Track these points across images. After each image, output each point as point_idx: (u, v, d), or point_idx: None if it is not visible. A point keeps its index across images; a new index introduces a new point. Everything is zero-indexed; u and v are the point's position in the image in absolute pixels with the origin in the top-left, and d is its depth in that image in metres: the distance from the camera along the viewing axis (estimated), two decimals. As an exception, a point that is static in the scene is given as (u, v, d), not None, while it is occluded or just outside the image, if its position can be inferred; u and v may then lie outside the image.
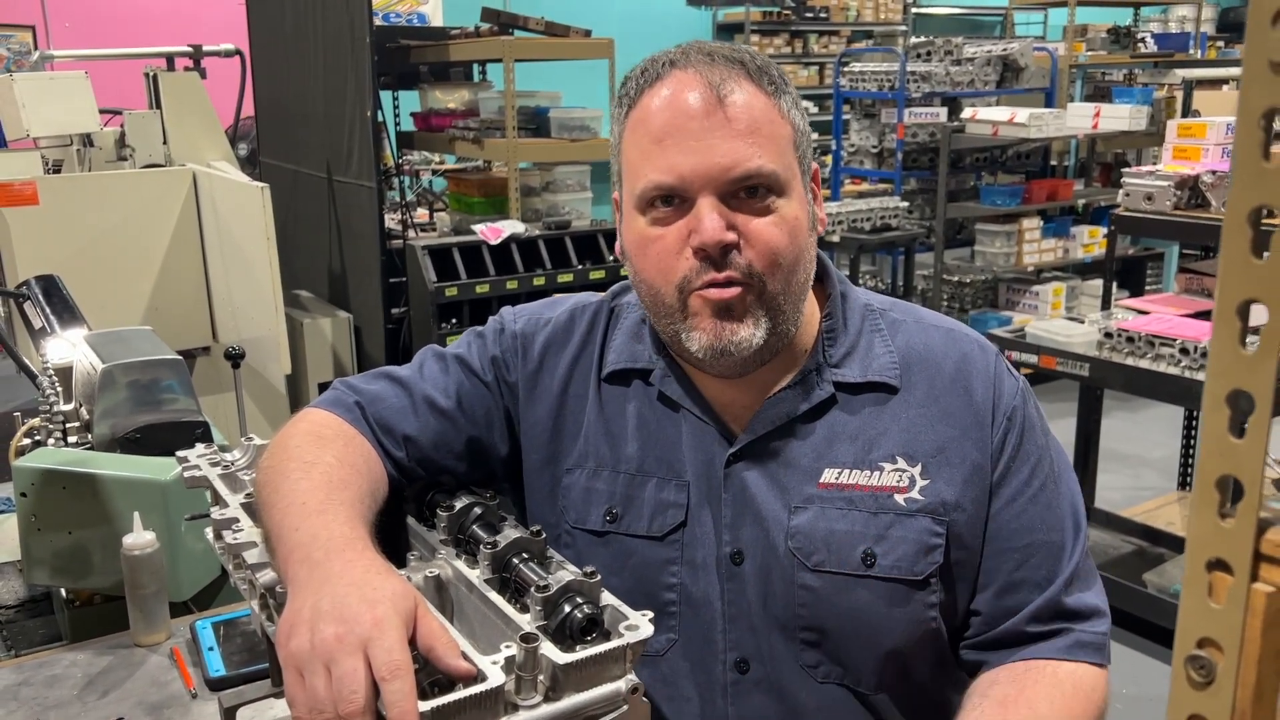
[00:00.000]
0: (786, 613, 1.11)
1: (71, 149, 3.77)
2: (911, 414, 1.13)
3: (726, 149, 1.03)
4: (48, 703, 1.40)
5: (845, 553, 1.09)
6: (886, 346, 1.16)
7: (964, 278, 6.15)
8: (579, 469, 1.19)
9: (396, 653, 0.79)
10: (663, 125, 1.05)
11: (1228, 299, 0.48)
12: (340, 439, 1.12)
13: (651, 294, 1.10)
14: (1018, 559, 1.12)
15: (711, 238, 1.02)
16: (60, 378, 1.91)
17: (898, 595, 1.09)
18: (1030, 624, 1.12)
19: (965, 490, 1.11)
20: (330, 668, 0.79)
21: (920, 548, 1.09)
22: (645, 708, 0.87)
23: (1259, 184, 0.46)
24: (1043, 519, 1.13)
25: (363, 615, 0.81)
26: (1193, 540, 0.51)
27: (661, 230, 1.07)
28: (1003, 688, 1.08)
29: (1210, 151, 3.57)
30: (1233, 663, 0.50)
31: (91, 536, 1.60)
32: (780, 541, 1.11)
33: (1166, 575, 3.48)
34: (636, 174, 1.08)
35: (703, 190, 1.04)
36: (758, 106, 1.06)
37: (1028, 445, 1.14)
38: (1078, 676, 1.10)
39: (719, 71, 1.06)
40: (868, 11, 9.58)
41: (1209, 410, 0.49)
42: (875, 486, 1.11)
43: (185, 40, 4.06)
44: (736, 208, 1.05)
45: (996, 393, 1.14)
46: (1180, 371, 3.11)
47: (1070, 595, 1.12)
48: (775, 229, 1.05)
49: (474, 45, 4.53)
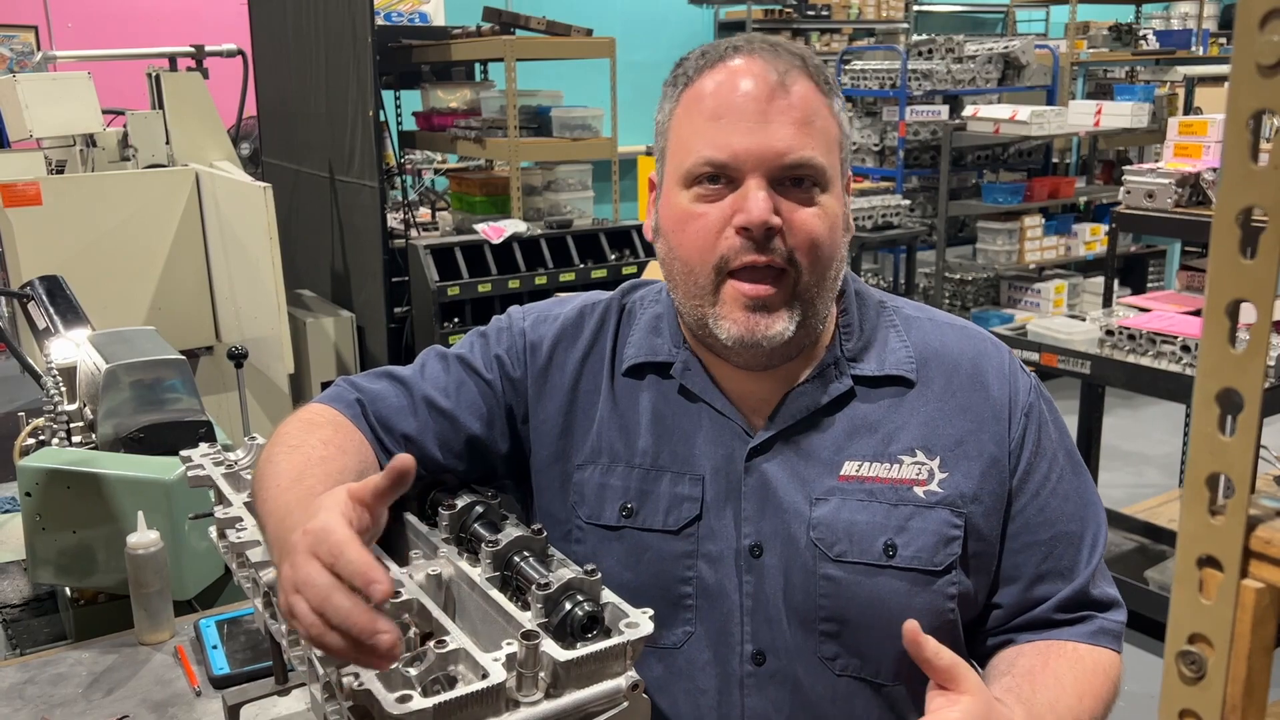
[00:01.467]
0: (807, 604, 1.12)
1: (75, 149, 3.78)
2: (929, 408, 1.14)
3: (783, 134, 1.04)
4: (53, 701, 1.41)
5: (867, 543, 1.11)
6: (902, 341, 1.17)
7: (966, 275, 6.15)
8: (592, 465, 1.19)
9: (337, 534, 0.81)
10: (721, 103, 1.06)
11: (1217, 298, 0.49)
12: (329, 425, 1.14)
13: (686, 271, 1.10)
14: (1044, 551, 1.15)
15: (759, 217, 1.03)
16: (64, 378, 1.91)
17: (918, 585, 1.11)
18: (1057, 612, 1.15)
19: (983, 483, 1.13)
20: (301, 590, 0.81)
21: (940, 539, 1.11)
22: (645, 704, 0.88)
23: (1247, 185, 0.47)
24: (1063, 510, 1.16)
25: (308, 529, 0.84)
26: (1183, 537, 0.51)
27: (705, 208, 1.07)
28: (1028, 659, 1.12)
29: (1212, 149, 3.57)
30: (1223, 658, 0.51)
31: (96, 536, 1.61)
32: (802, 534, 1.12)
33: (1168, 572, 3.48)
34: (687, 149, 1.08)
35: (754, 171, 1.05)
36: (814, 101, 1.07)
37: (1045, 440, 1.16)
38: (1097, 656, 1.14)
39: (783, 62, 1.07)
40: (869, 9, 9.56)
41: (1199, 408, 0.50)
42: (895, 479, 1.12)
43: (187, 40, 4.08)
44: (782, 194, 1.06)
45: (1012, 389, 1.16)
46: (1181, 369, 3.11)
47: (1096, 587, 1.17)
48: (818, 220, 1.06)
49: (476, 45, 4.53)
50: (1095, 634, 1.15)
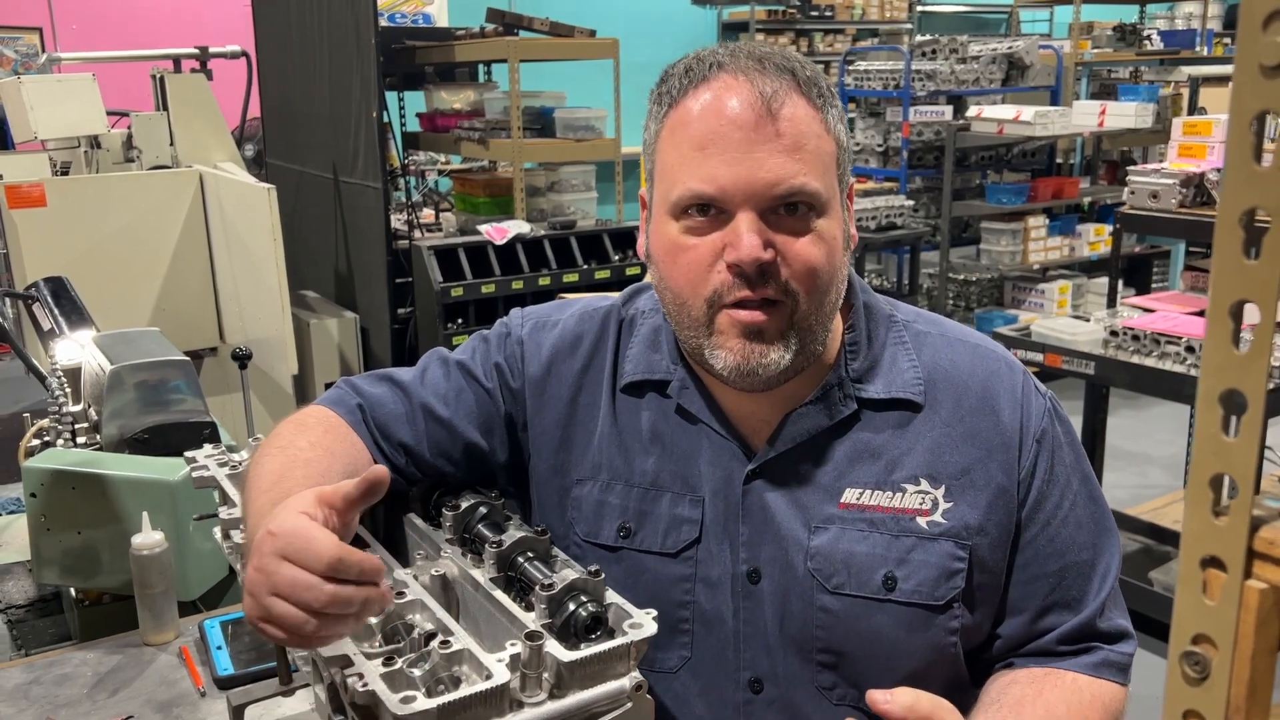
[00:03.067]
0: (804, 633, 1.09)
1: (79, 151, 3.79)
2: (936, 434, 1.09)
3: (772, 164, 0.99)
4: (58, 701, 1.42)
5: (866, 575, 1.07)
6: (911, 361, 1.12)
7: (969, 276, 6.15)
8: (590, 481, 1.17)
9: (315, 538, 0.84)
10: (706, 131, 1.00)
11: (1221, 299, 0.49)
12: (320, 426, 1.13)
13: (677, 304, 1.06)
14: (1052, 583, 1.11)
15: (749, 255, 0.98)
16: (69, 379, 1.92)
17: (918, 620, 1.07)
18: (1060, 644, 1.11)
19: (989, 514, 1.08)
20: (286, 593, 0.83)
21: (942, 572, 1.07)
22: (649, 705, 0.88)
23: (1250, 186, 0.47)
24: (1075, 539, 1.11)
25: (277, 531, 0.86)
26: (1187, 538, 0.51)
27: (695, 240, 1.02)
28: (1021, 688, 1.08)
29: (1216, 149, 3.56)
30: (1227, 659, 0.51)
31: (100, 536, 1.61)
32: (799, 562, 1.09)
33: (1173, 573, 3.48)
34: (673, 179, 1.03)
35: (743, 205, 1.00)
36: (805, 121, 1.01)
37: (1058, 468, 1.11)
38: (1097, 688, 1.10)
39: (770, 81, 1.01)
40: (873, 10, 9.56)
41: (1202, 409, 0.50)
42: (897, 509, 1.08)
43: (192, 42, 4.08)
44: (775, 224, 1.01)
45: (1025, 415, 1.11)
46: (1186, 369, 3.11)
47: (1105, 619, 1.12)
48: (814, 248, 1.01)
49: (479, 46, 4.54)
50: (1099, 666, 1.11)
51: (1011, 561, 1.11)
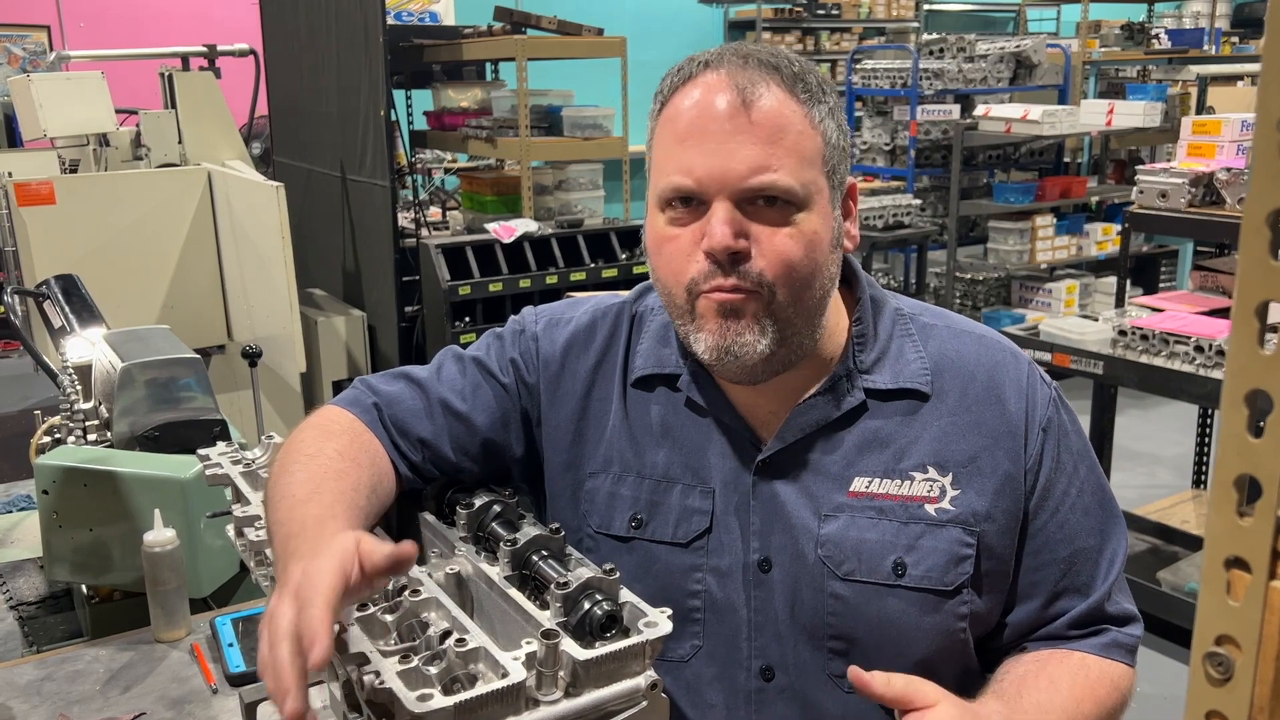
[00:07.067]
0: (815, 621, 1.10)
1: (88, 149, 3.80)
2: (943, 422, 1.11)
3: (744, 155, 1.01)
4: (70, 698, 1.42)
5: (876, 562, 1.09)
6: (918, 352, 1.14)
7: (977, 275, 6.14)
8: (603, 474, 1.18)
9: (319, 587, 0.83)
10: (687, 125, 1.04)
11: (1246, 299, 0.48)
12: (346, 434, 1.13)
13: (665, 293, 1.10)
14: (1062, 569, 1.13)
15: (720, 243, 1.01)
16: (80, 376, 1.92)
17: (928, 605, 1.09)
18: (1070, 629, 1.14)
19: (997, 501, 1.10)
20: (267, 624, 0.83)
21: (951, 558, 1.09)
22: (664, 703, 0.88)
23: (1278, 186, 0.47)
24: (1083, 525, 1.13)
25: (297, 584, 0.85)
26: (1211, 538, 0.51)
27: (677, 230, 1.06)
28: (1026, 665, 1.11)
29: (1225, 148, 3.56)
30: (1251, 659, 0.50)
31: (112, 533, 1.61)
32: (810, 550, 1.10)
33: (1181, 573, 3.47)
34: (659, 172, 1.07)
35: (718, 194, 1.02)
36: (785, 114, 1.03)
37: (1064, 455, 1.13)
38: (1106, 667, 1.12)
39: (749, 75, 1.03)
40: (880, 8, 9.55)
41: (1227, 409, 0.50)
42: (905, 496, 1.10)
43: (200, 40, 4.08)
44: (754, 215, 1.03)
45: (1030, 403, 1.13)
46: (1195, 369, 3.10)
47: (1112, 603, 1.15)
48: (791, 241, 1.03)
49: (487, 44, 4.54)
50: (1107, 646, 1.13)
51: (1020, 549, 1.13)
